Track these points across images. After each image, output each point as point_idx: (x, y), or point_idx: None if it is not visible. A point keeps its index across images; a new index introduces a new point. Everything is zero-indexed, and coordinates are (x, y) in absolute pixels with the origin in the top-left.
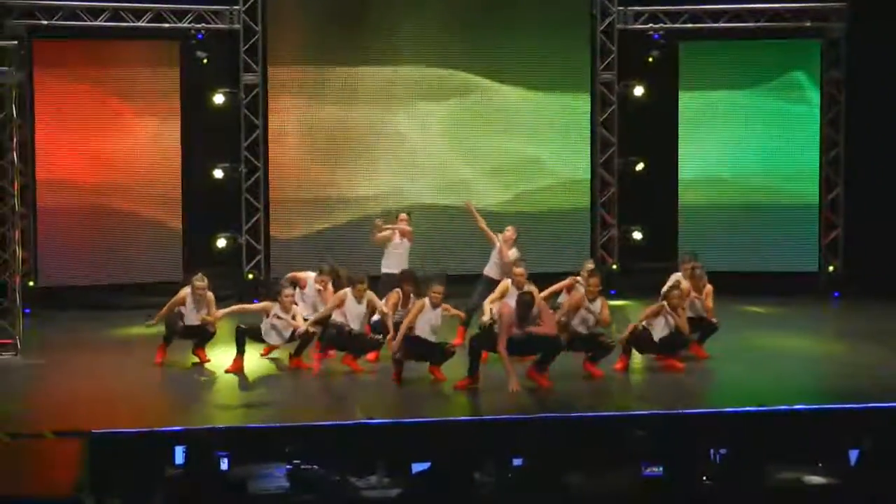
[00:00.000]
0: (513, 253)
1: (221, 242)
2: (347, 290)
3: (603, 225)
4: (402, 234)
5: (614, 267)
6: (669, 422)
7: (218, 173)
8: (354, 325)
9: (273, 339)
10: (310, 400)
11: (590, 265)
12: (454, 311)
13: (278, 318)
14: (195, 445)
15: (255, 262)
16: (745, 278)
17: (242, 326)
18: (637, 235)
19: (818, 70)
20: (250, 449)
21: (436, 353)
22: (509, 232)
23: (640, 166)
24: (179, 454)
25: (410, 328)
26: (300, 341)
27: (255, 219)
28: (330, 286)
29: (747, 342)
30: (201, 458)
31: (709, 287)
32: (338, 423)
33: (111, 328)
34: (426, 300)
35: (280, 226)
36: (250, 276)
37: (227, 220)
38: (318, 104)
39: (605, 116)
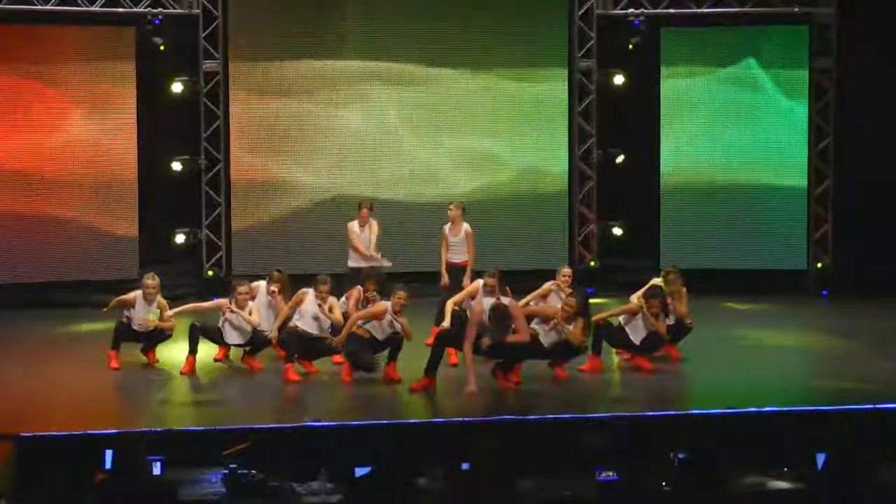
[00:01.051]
0: (462, 232)
1: (180, 238)
2: (309, 290)
3: (581, 220)
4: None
5: (592, 264)
6: (627, 424)
7: (176, 166)
8: (310, 327)
9: (233, 338)
10: (258, 402)
11: (566, 270)
12: (406, 329)
13: (232, 311)
14: (124, 449)
15: (216, 258)
16: (730, 275)
17: (196, 324)
18: (617, 231)
19: (807, 57)
20: (186, 453)
21: (368, 362)
22: (452, 210)
23: (619, 158)
24: (109, 458)
25: (359, 326)
26: (256, 343)
27: (215, 213)
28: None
29: (726, 342)
30: (130, 463)
31: (683, 290)
32: (277, 425)
33: (59, 327)
34: (388, 305)
35: (241, 221)
36: (210, 272)
37: (186, 214)
38: (282, 94)
39: (583, 106)
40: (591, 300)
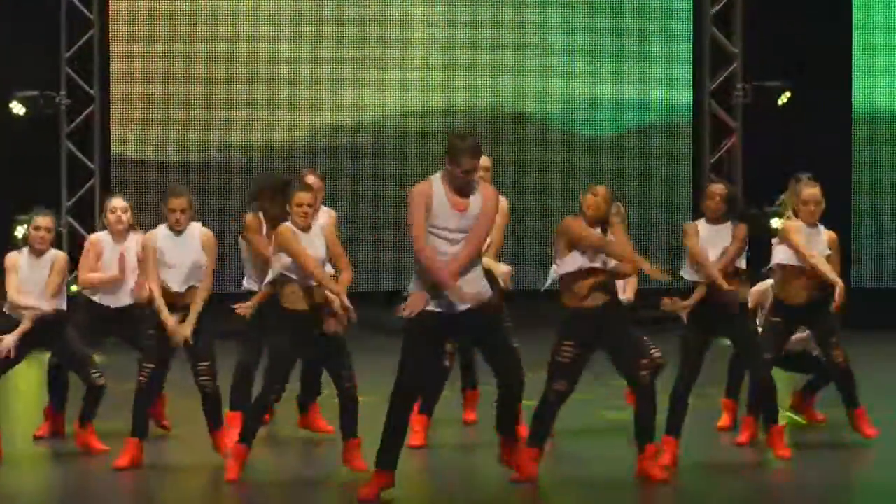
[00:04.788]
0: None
1: (24, 230)
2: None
3: None
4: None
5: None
6: None
7: (18, 108)
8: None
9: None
10: None
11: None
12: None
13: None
14: None
15: None
16: None
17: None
18: (777, 223)
19: None
20: None
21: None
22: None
23: (783, 97)
24: None
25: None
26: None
27: (85, 187)
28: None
29: None
30: None
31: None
32: None
33: None
34: (287, 224)
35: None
36: (75, 287)
37: (35, 191)
38: None
39: (718, 7)
40: None
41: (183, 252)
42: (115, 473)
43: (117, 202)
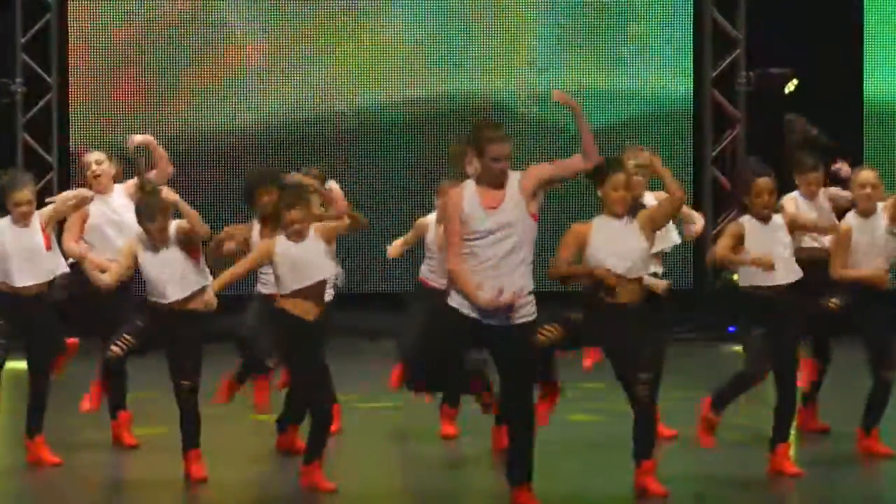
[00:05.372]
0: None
1: None
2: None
3: (717, 195)
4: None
5: (736, 278)
6: None
7: None
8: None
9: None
10: None
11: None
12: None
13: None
14: None
15: None
16: None
17: None
18: None
19: None
20: None
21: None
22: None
23: (790, 86)
24: None
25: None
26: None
27: (44, 181)
28: None
29: None
30: None
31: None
32: None
33: None
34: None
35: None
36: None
37: None
38: None
39: None
40: None
41: (165, 262)
42: (79, 487)
43: (94, 155)
